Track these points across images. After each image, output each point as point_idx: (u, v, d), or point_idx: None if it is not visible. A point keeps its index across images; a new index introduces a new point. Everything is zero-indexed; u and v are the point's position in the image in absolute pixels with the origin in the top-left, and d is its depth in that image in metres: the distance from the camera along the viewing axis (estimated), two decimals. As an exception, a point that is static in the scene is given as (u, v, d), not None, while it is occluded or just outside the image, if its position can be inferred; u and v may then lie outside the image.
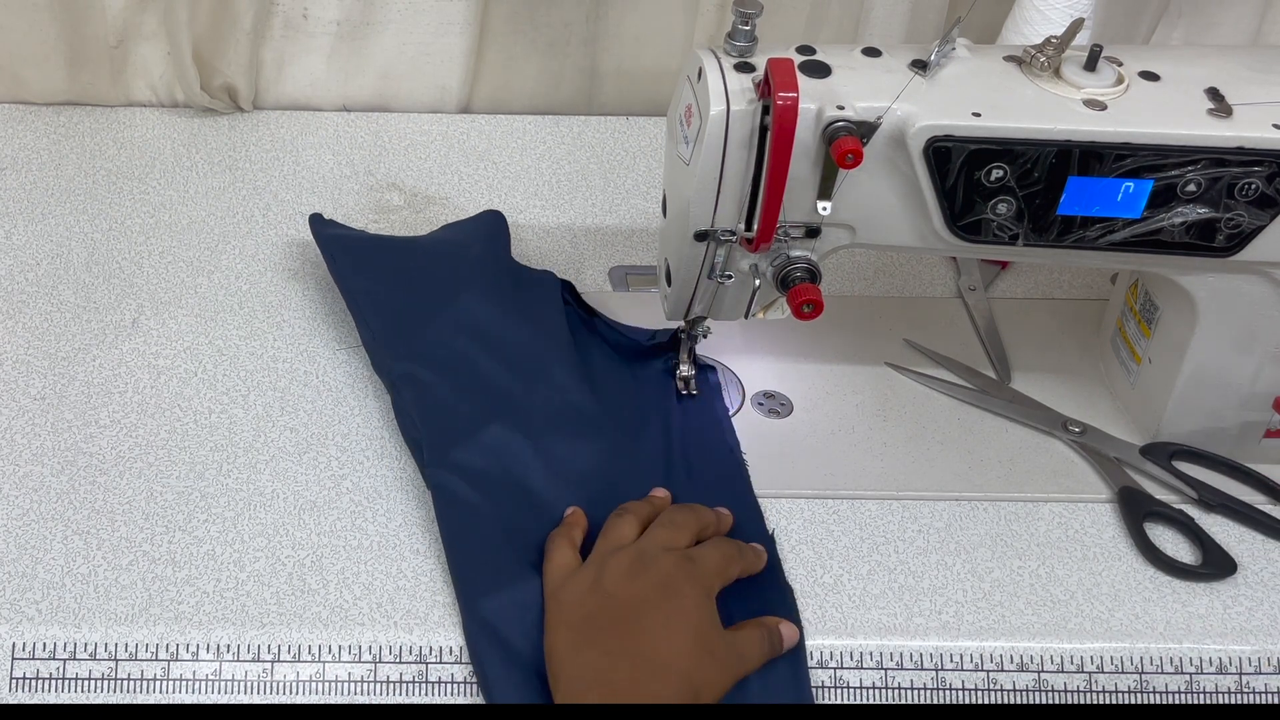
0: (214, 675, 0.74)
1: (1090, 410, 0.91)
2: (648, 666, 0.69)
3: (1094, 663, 0.77)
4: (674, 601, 0.71)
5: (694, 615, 0.71)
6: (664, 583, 0.72)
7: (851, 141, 0.71)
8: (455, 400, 0.84)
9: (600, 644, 0.70)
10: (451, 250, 0.95)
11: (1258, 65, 0.79)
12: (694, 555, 0.74)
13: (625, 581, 0.72)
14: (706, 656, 0.70)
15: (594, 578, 0.73)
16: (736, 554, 0.76)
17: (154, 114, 1.14)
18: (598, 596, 0.72)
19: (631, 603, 0.71)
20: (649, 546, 0.74)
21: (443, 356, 0.86)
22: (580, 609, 0.72)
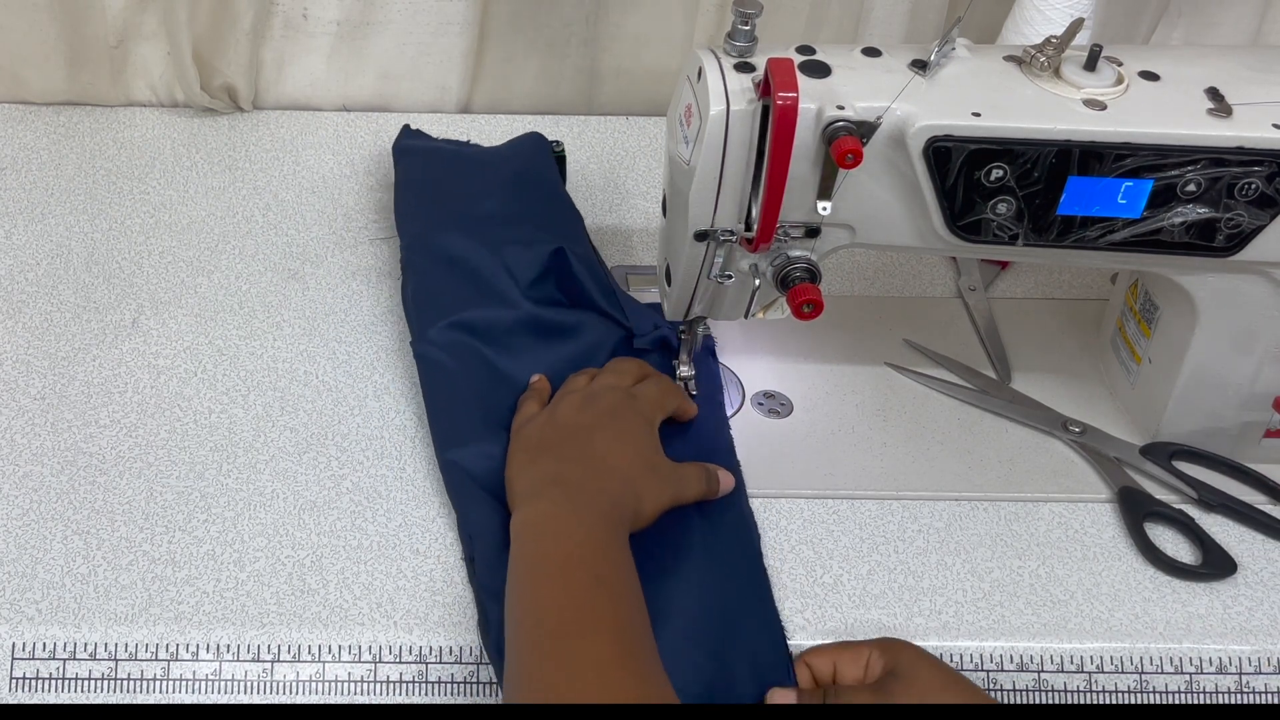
0: (214, 675, 0.74)
1: (1090, 410, 0.91)
2: (597, 467, 0.77)
3: (1094, 663, 0.77)
4: (619, 423, 0.80)
5: (638, 437, 0.80)
6: (611, 410, 0.81)
7: (851, 141, 0.71)
8: (445, 288, 0.91)
9: (553, 454, 0.78)
10: (489, 162, 1.04)
11: (1258, 65, 0.79)
12: (635, 391, 0.83)
13: (576, 413, 0.81)
14: (649, 470, 0.79)
15: (550, 413, 0.82)
16: (672, 389, 0.85)
17: (154, 114, 1.14)
18: (552, 427, 0.80)
19: (582, 427, 0.80)
20: (597, 387, 0.83)
21: (446, 252, 0.93)
22: (536, 436, 0.80)
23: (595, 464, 0.77)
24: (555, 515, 0.74)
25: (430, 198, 1.00)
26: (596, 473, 0.77)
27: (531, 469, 0.78)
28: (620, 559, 0.72)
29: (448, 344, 0.88)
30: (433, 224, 0.96)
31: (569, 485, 0.76)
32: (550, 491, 0.75)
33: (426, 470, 0.85)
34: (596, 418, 0.80)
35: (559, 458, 0.78)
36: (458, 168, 1.03)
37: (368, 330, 0.94)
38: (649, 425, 0.81)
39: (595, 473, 0.77)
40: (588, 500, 0.75)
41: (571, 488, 0.75)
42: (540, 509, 0.75)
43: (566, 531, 0.73)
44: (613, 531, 0.74)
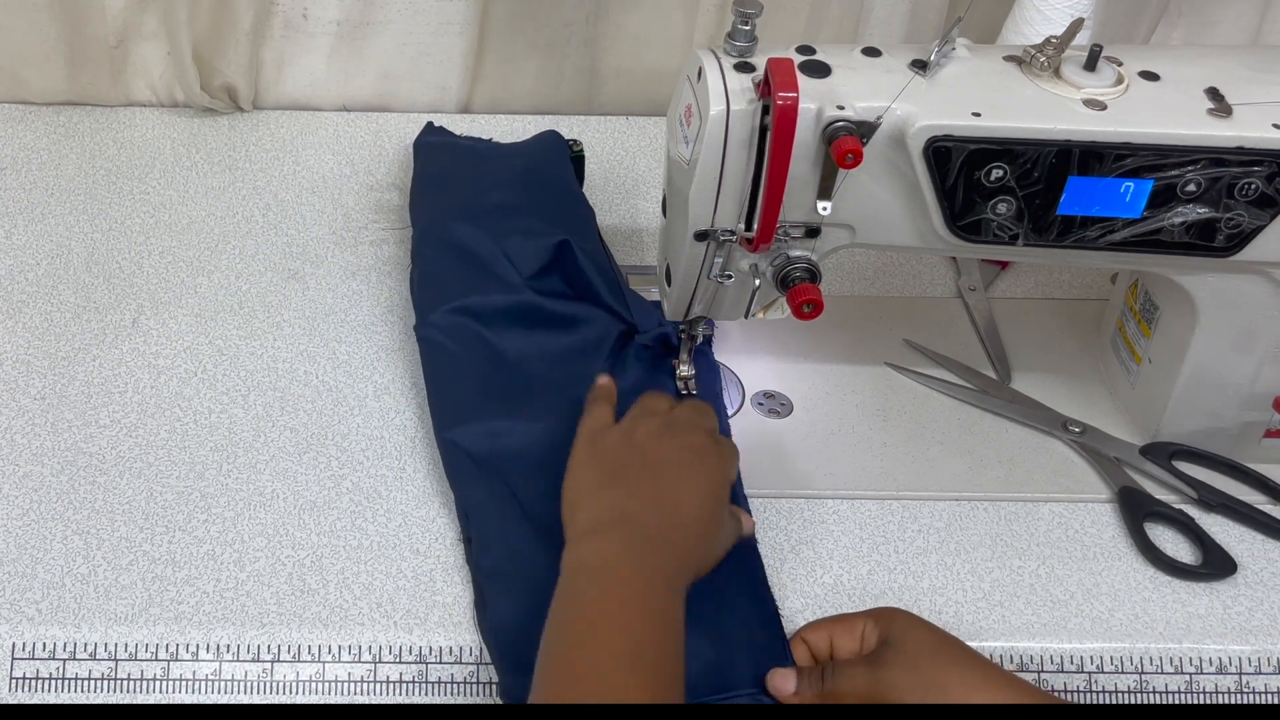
0: (214, 675, 0.74)
1: (1090, 410, 0.91)
2: (669, 514, 0.72)
3: (1094, 663, 0.77)
4: (702, 467, 0.75)
5: (715, 484, 0.75)
6: (694, 450, 0.76)
7: (851, 141, 0.71)
8: (449, 274, 0.92)
9: (626, 485, 0.73)
10: (502, 157, 1.04)
11: (1258, 65, 0.79)
12: (722, 440, 0.78)
13: (657, 440, 0.76)
14: (718, 527, 0.74)
15: (627, 431, 0.77)
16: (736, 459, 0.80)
17: (154, 114, 1.14)
18: (629, 448, 0.76)
19: (662, 457, 0.75)
20: (679, 418, 0.78)
21: (452, 240, 0.94)
22: (610, 454, 0.76)
23: (671, 509, 0.72)
24: (615, 567, 0.68)
25: (441, 189, 1.00)
26: (671, 520, 0.71)
27: (601, 496, 0.73)
28: (670, 632, 0.67)
29: (449, 327, 0.89)
30: (441, 214, 0.97)
31: (638, 529, 0.70)
32: (618, 531, 0.70)
33: (426, 470, 0.85)
34: (680, 453, 0.75)
35: (633, 492, 0.72)
36: (470, 161, 1.04)
37: (368, 330, 0.94)
38: (726, 476, 0.77)
39: (670, 520, 0.71)
40: (654, 553, 0.69)
41: (640, 533, 0.70)
42: (602, 552, 0.69)
43: (621, 589, 0.67)
44: (672, 594, 0.69)
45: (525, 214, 0.96)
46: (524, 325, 0.90)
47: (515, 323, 0.90)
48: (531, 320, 0.91)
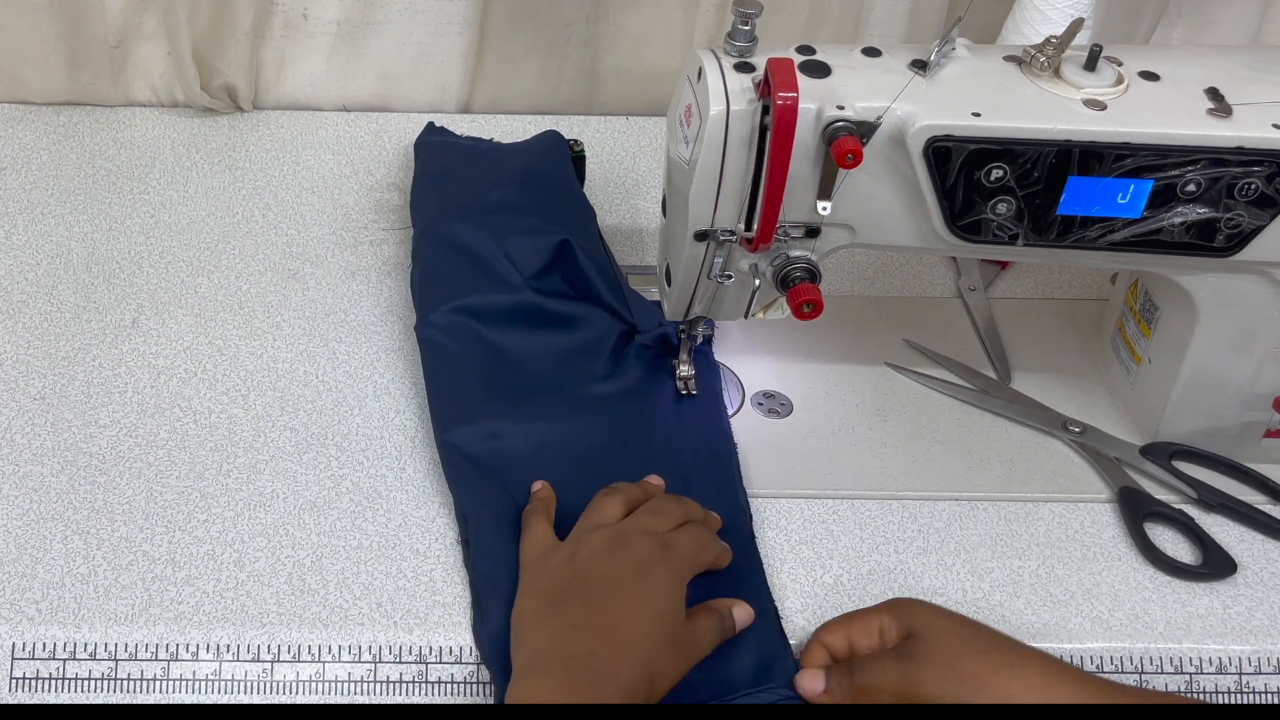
0: (214, 675, 0.74)
1: (1090, 410, 0.91)
2: (609, 642, 0.69)
3: (1094, 663, 0.77)
4: (646, 583, 0.71)
5: (662, 600, 0.71)
6: (638, 564, 0.72)
7: (851, 141, 0.71)
8: (449, 274, 0.93)
9: (566, 615, 0.70)
10: (503, 156, 1.05)
11: (1258, 65, 0.79)
12: (669, 541, 0.74)
13: (600, 558, 0.73)
14: (667, 645, 0.70)
15: (571, 553, 0.74)
16: (710, 541, 0.77)
17: (154, 114, 1.14)
18: (571, 571, 0.73)
19: (604, 579, 0.72)
20: (629, 528, 0.75)
21: (453, 239, 0.94)
22: (552, 581, 0.73)
23: (610, 637, 0.69)
24: (553, 697, 0.67)
25: (442, 189, 1.01)
26: (610, 650, 0.68)
27: (540, 630, 0.71)
28: None
29: (449, 327, 0.89)
30: (441, 213, 0.97)
31: (576, 666, 0.68)
32: (556, 668, 0.68)
33: (426, 470, 0.85)
34: (621, 571, 0.72)
35: (571, 622, 0.70)
36: (470, 160, 1.04)
37: (368, 330, 0.94)
38: (677, 584, 0.73)
39: (609, 650, 0.68)
40: (594, 690, 0.67)
41: (578, 670, 0.68)
42: (539, 692, 0.67)
43: None
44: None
45: (526, 213, 0.96)
46: (524, 325, 0.91)
47: (515, 322, 0.90)
48: (532, 320, 0.91)
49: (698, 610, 0.74)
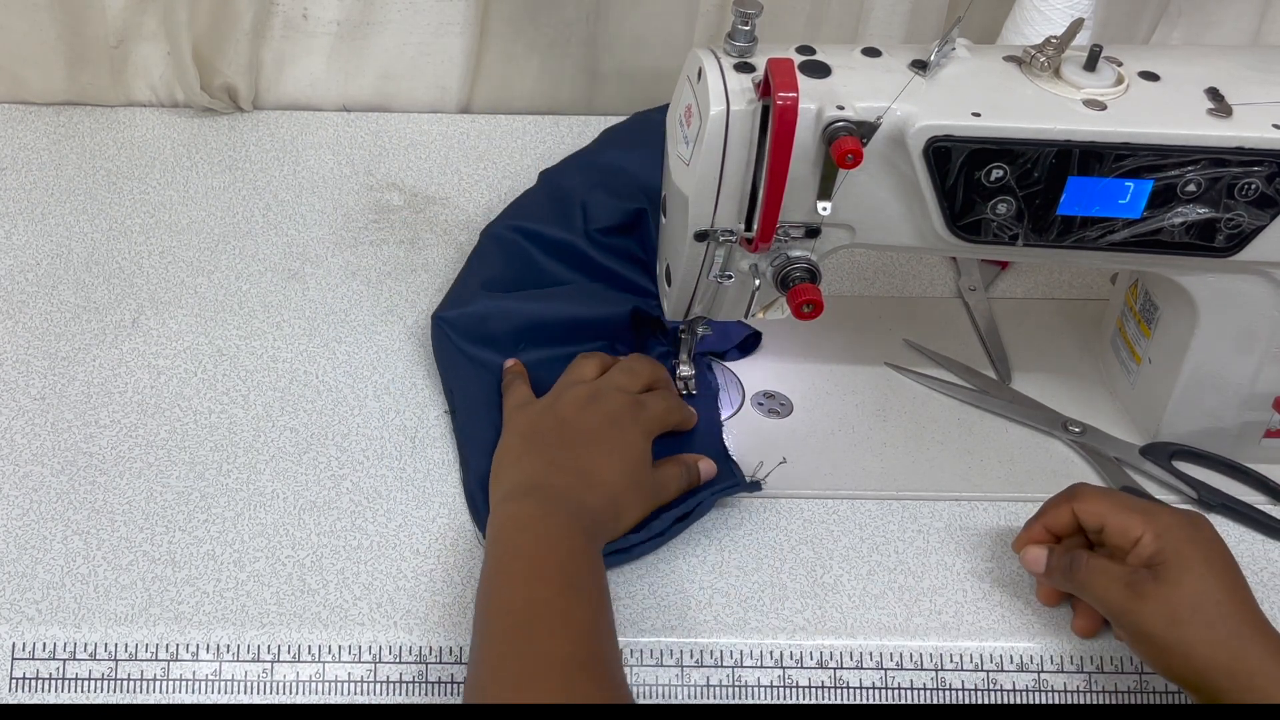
0: (214, 675, 0.74)
1: (1090, 410, 0.91)
2: (583, 479, 0.77)
3: (1094, 663, 0.77)
4: (617, 434, 0.79)
5: (631, 450, 0.79)
6: (612, 417, 0.80)
7: (851, 141, 0.71)
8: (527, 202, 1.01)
9: (544, 454, 0.79)
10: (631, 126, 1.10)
11: (1258, 65, 0.79)
12: (643, 400, 0.82)
13: (578, 411, 0.81)
14: (634, 487, 0.79)
15: (550, 403, 0.82)
16: (678, 405, 0.85)
17: (154, 114, 1.14)
18: (550, 418, 0.81)
19: (580, 428, 0.80)
20: (605, 385, 0.83)
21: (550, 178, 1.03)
22: (532, 425, 0.81)
23: (583, 476, 0.77)
24: (533, 518, 0.74)
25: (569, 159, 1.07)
26: (583, 484, 0.77)
27: (519, 466, 0.79)
28: (593, 566, 0.73)
29: (500, 236, 0.97)
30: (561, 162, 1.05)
31: (551, 492, 0.76)
32: (533, 495, 0.76)
33: (426, 470, 0.85)
34: (596, 423, 0.80)
35: (549, 461, 0.78)
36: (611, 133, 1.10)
37: (368, 330, 0.94)
38: (645, 438, 0.81)
39: (581, 484, 0.77)
40: (568, 511, 0.75)
41: (553, 495, 0.76)
42: (519, 511, 0.75)
43: (542, 534, 0.73)
44: (588, 542, 0.74)
45: (625, 176, 1.00)
46: (565, 263, 0.95)
47: (558, 258, 0.95)
48: (573, 262, 0.95)
49: (666, 461, 0.82)
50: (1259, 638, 0.70)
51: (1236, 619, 0.71)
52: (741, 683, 0.76)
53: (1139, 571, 0.72)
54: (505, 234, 0.97)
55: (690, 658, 0.76)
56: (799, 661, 0.76)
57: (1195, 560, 0.72)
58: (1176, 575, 0.71)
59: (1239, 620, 0.71)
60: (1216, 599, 0.71)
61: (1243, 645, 0.70)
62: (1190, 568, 0.71)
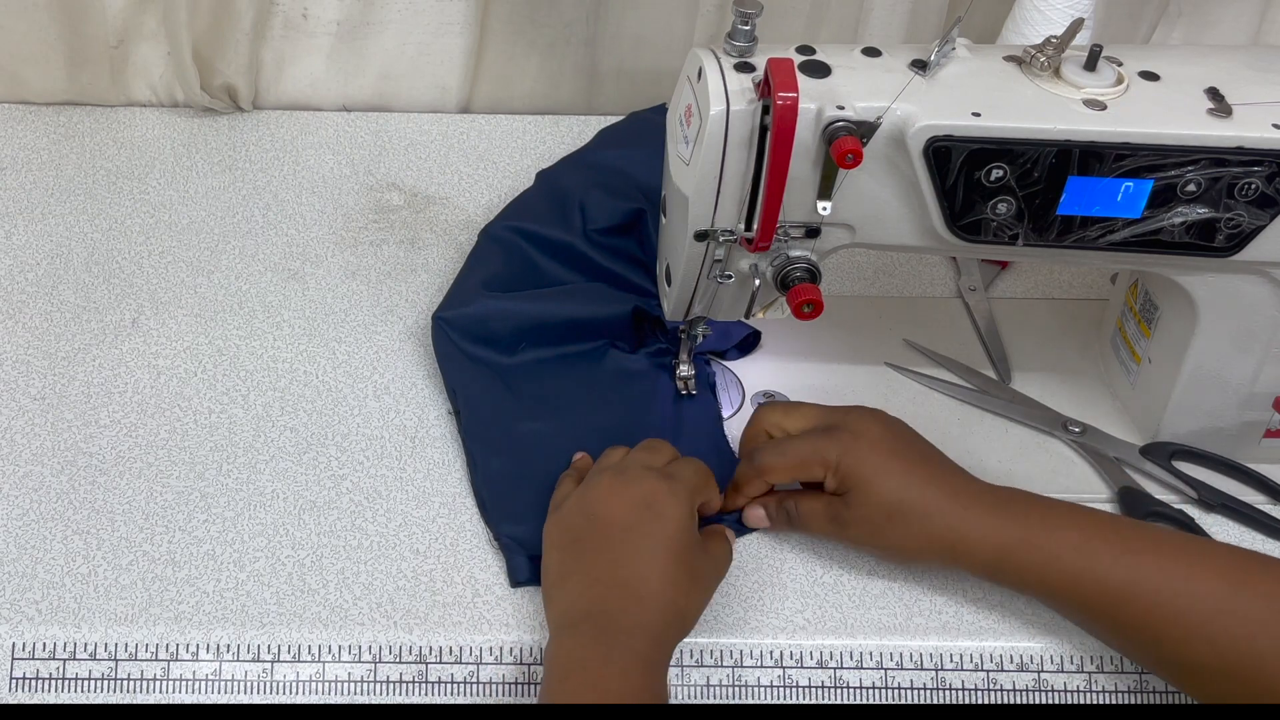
0: (214, 675, 0.74)
1: (1090, 410, 0.91)
2: (634, 594, 0.71)
3: (1094, 663, 0.77)
4: (657, 522, 0.73)
5: (677, 536, 0.73)
6: (646, 501, 0.74)
7: (851, 141, 0.71)
8: (528, 200, 1.02)
9: (585, 570, 0.72)
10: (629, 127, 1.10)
11: (1258, 65, 0.79)
12: (672, 471, 0.77)
13: (608, 499, 0.74)
14: (688, 580, 0.72)
15: (580, 496, 0.76)
16: (708, 473, 0.79)
17: (154, 114, 1.14)
18: (582, 517, 0.75)
19: (616, 524, 0.73)
20: (630, 464, 0.77)
21: (550, 178, 1.03)
22: (568, 531, 0.75)
23: (631, 589, 0.71)
24: (586, 661, 0.68)
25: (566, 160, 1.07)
26: (634, 601, 0.70)
27: (565, 590, 0.73)
28: (648, 705, 0.68)
29: (500, 236, 0.97)
30: (558, 164, 1.06)
31: (603, 620, 0.70)
32: (585, 626, 0.70)
33: (426, 470, 0.85)
34: (631, 512, 0.73)
35: (592, 579, 0.72)
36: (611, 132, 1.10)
37: (368, 330, 0.94)
38: (688, 514, 0.74)
39: (633, 601, 0.70)
40: (624, 642, 0.69)
41: (605, 624, 0.70)
42: (574, 651, 0.69)
43: (597, 681, 0.67)
44: (649, 674, 0.69)
45: (624, 174, 1.01)
46: (564, 265, 0.95)
47: (556, 258, 0.96)
48: (571, 264, 0.95)
49: (709, 533, 0.77)
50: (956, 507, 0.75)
51: (930, 505, 0.75)
52: (741, 683, 0.76)
53: (834, 501, 0.77)
54: (504, 234, 0.97)
55: (690, 658, 0.76)
56: (799, 661, 0.76)
57: (869, 470, 0.76)
58: (860, 495, 0.76)
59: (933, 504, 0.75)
60: (899, 498, 0.75)
61: (947, 524, 0.75)
62: (868, 480, 0.76)
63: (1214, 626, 0.68)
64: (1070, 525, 0.73)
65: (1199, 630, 0.68)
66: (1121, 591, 0.71)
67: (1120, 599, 0.71)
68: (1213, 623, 0.68)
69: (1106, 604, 0.71)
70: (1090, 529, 0.73)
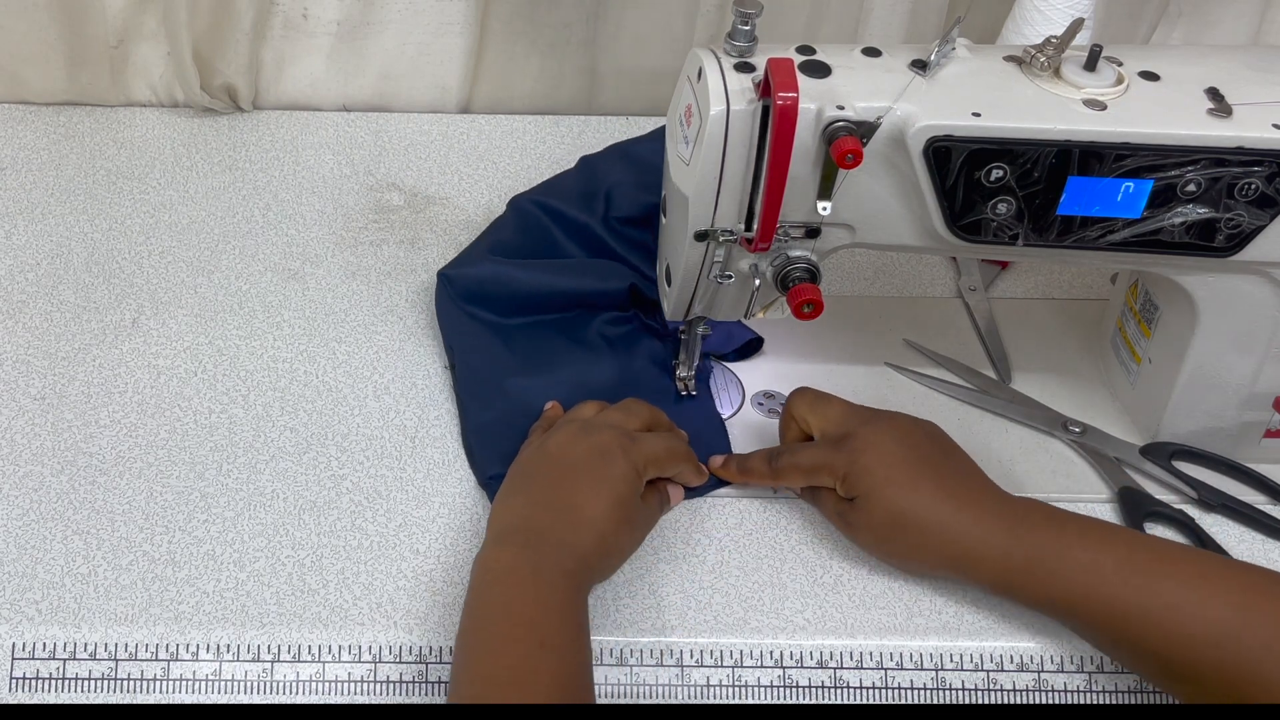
0: (214, 675, 0.74)
1: (1090, 410, 0.91)
2: (567, 515, 0.75)
3: (1094, 663, 0.77)
4: (605, 468, 0.77)
5: (620, 485, 0.76)
6: (601, 450, 0.77)
7: (851, 141, 0.71)
8: (559, 181, 1.03)
9: (530, 493, 0.77)
10: None
11: (1258, 65, 0.79)
12: (637, 436, 0.80)
13: (567, 444, 0.78)
14: (623, 523, 0.77)
15: (542, 441, 0.80)
16: (683, 455, 0.82)
17: (154, 114, 1.14)
18: (541, 454, 0.79)
19: (567, 462, 0.77)
20: (598, 421, 0.81)
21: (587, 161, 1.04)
22: (525, 464, 0.79)
23: (568, 512, 0.75)
24: (514, 568, 0.72)
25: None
26: (567, 522, 0.74)
27: (506, 506, 0.77)
28: (566, 618, 0.71)
29: (523, 209, 0.99)
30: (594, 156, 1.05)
31: (532, 535, 0.74)
32: (515, 539, 0.74)
33: (426, 470, 0.85)
34: (584, 457, 0.77)
35: (533, 500, 0.76)
36: None
37: (368, 330, 0.94)
38: (635, 474, 0.77)
39: (565, 522, 0.74)
40: (553, 554, 0.73)
41: (534, 538, 0.73)
42: (502, 557, 0.73)
43: (516, 587, 0.71)
44: (572, 591, 0.72)
45: (655, 170, 0.99)
46: (581, 244, 0.97)
47: (575, 238, 0.97)
48: (588, 244, 0.97)
49: (647, 490, 0.80)
50: (964, 522, 0.75)
51: (936, 518, 0.76)
52: (741, 683, 0.76)
53: (842, 503, 0.79)
54: (527, 206, 0.98)
55: (690, 658, 0.76)
56: (799, 661, 0.76)
57: (875, 482, 0.77)
58: (866, 504, 0.77)
59: (939, 517, 0.75)
60: (903, 509, 0.76)
61: (953, 538, 0.75)
62: (873, 491, 0.77)
63: (1222, 651, 0.68)
64: (1080, 545, 0.73)
65: (1207, 654, 0.68)
66: (1129, 613, 0.71)
67: (1128, 621, 0.71)
68: (1220, 647, 0.68)
69: (1114, 625, 0.71)
70: (1100, 548, 0.73)
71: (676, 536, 0.81)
